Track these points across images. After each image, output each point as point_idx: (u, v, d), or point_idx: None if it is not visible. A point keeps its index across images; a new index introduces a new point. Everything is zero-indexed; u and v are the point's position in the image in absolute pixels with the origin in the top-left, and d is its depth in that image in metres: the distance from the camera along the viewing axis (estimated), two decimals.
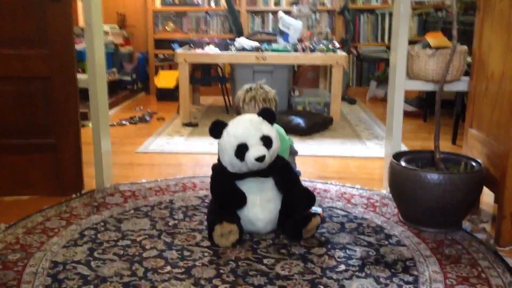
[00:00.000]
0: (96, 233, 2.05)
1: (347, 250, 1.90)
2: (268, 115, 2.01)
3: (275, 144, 1.96)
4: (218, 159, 2.06)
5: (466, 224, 2.14)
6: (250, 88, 2.32)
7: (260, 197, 1.99)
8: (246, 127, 1.94)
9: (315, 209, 2.25)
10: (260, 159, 1.89)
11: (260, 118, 1.99)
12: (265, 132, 1.94)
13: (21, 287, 1.63)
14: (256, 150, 1.89)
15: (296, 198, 2.02)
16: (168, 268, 1.76)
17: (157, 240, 1.98)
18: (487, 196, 2.42)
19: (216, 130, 1.98)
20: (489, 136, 2.17)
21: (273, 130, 1.99)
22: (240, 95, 2.32)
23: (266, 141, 1.93)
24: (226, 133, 1.96)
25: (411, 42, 2.49)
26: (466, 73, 2.46)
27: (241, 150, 1.91)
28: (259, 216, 1.98)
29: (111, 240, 1.98)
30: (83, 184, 2.57)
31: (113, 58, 5.36)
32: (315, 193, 2.50)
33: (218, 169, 2.04)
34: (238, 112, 2.28)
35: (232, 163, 1.95)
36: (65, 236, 2.02)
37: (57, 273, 1.72)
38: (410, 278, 1.70)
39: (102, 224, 2.14)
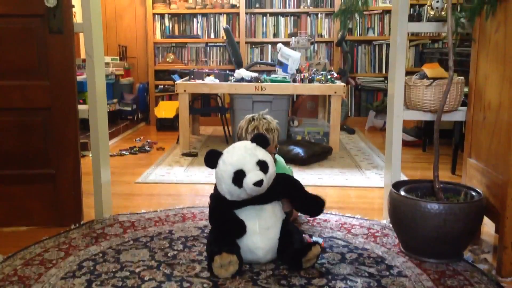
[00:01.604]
0: (94, 265, 2.03)
1: (348, 281, 1.88)
2: (261, 140, 2.02)
3: (271, 169, 1.97)
4: (215, 188, 2.06)
5: (467, 255, 2.13)
6: (253, 118, 2.35)
7: (259, 225, 1.98)
8: (241, 154, 1.95)
9: (316, 239, 2.24)
10: (258, 183, 1.89)
11: (254, 144, 2.01)
12: (260, 157, 1.95)
13: None
14: (253, 175, 1.90)
15: (306, 203, 2.08)
16: None
17: (156, 271, 1.96)
18: (488, 226, 2.41)
19: (211, 160, 2.00)
20: (488, 165, 2.18)
21: (268, 155, 2.01)
22: (243, 125, 2.34)
23: (262, 165, 1.94)
24: (222, 162, 1.97)
25: (408, 73, 2.52)
26: (464, 103, 2.49)
27: (239, 176, 1.91)
28: (258, 245, 1.96)
29: (109, 272, 1.96)
30: (82, 215, 2.55)
31: (114, 88, 5.42)
32: (315, 223, 2.51)
33: (217, 198, 2.04)
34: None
35: (230, 191, 1.95)
36: (63, 268, 2.00)
37: None
38: None
39: (101, 255, 2.12)
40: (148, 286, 1.84)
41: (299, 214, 2.59)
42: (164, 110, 5.54)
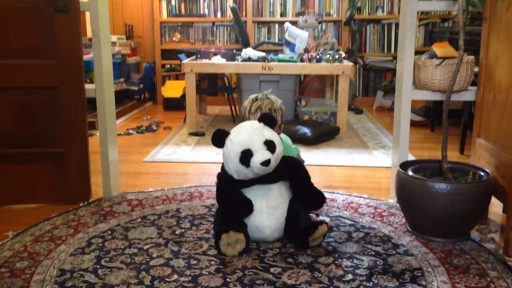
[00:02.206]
0: (103, 242, 2.05)
1: (354, 260, 1.89)
2: (268, 120, 2.02)
3: (279, 148, 1.98)
4: (222, 168, 2.07)
5: (474, 234, 2.13)
6: (256, 98, 2.34)
7: (266, 204, 1.99)
8: (248, 133, 1.95)
9: (323, 218, 2.25)
10: (266, 163, 1.90)
11: (261, 124, 2.00)
12: (267, 137, 1.95)
13: None
14: (260, 155, 1.90)
15: (307, 200, 2.08)
16: (175, 276, 1.76)
17: (164, 249, 1.98)
18: (495, 206, 2.41)
19: (219, 139, 2.00)
20: (497, 146, 2.17)
21: (275, 135, 2.01)
22: (246, 106, 2.34)
23: (270, 145, 1.94)
24: (229, 141, 1.97)
25: (418, 52, 2.49)
26: (474, 83, 2.46)
27: (246, 156, 1.92)
28: (265, 223, 1.98)
29: (118, 249, 1.98)
30: (90, 193, 2.58)
31: (121, 68, 5.40)
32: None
33: (224, 177, 2.05)
34: None
35: (237, 171, 1.96)
36: (72, 244, 2.03)
37: (65, 281, 1.72)
38: None
39: (109, 232, 2.15)
40: (156, 263, 1.86)
41: None
42: (171, 89, 5.53)
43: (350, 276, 1.76)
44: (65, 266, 1.83)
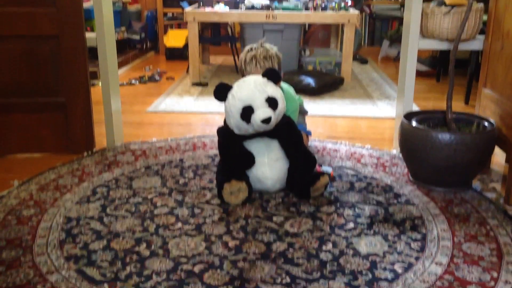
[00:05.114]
0: (108, 191, 2.08)
1: (356, 209, 1.91)
2: (272, 75, 1.99)
3: (281, 105, 1.95)
4: (225, 121, 2.06)
5: (476, 184, 2.14)
6: (251, 48, 2.32)
7: (268, 156, 1.99)
8: (250, 89, 1.92)
9: (326, 168, 2.26)
10: (266, 121, 1.88)
11: (265, 79, 1.97)
12: (270, 93, 1.93)
13: (36, 241, 1.67)
14: (261, 112, 1.89)
15: (296, 161, 2.01)
16: (179, 224, 1.79)
17: (168, 198, 2.01)
18: (498, 156, 2.41)
19: (221, 93, 1.98)
20: (503, 96, 2.14)
21: (278, 91, 1.98)
22: (242, 57, 2.32)
23: (272, 102, 1.92)
24: (231, 96, 1.95)
25: (426, 0, 2.42)
26: (482, 32, 2.41)
27: (247, 112, 1.90)
28: (267, 175, 1.99)
29: (123, 197, 2.01)
30: (94, 143, 2.59)
31: (122, 16, 5.30)
32: (325, 153, 2.52)
33: (225, 131, 2.04)
34: (242, 74, 2.27)
35: (238, 126, 1.95)
36: (77, 193, 2.05)
37: (71, 228, 1.76)
38: (418, 236, 1.71)
39: (113, 181, 2.17)
40: (160, 212, 1.89)
41: (309, 144, 2.60)
42: (173, 39, 5.45)
43: (351, 225, 1.79)
44: (71, 214, 1.86)
